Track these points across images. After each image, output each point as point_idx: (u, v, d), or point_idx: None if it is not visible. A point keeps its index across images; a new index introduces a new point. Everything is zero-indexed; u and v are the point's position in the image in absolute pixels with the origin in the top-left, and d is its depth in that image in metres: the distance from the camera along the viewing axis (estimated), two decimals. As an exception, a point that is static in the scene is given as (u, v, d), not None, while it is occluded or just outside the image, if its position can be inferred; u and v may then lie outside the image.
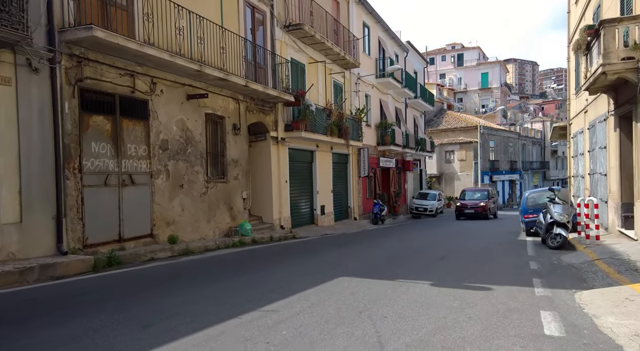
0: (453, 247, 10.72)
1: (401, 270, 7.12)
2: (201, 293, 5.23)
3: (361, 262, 8.06)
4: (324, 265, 7.73)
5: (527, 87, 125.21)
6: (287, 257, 8.94)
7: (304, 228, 15.47)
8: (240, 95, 11.86)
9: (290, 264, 7.79)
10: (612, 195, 11.48)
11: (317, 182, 16.70)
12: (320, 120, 15.56)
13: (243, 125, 12.09)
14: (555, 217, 10.07)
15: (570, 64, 19.14)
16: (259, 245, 10.88)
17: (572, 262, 7.80)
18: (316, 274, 6.60)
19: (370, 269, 7.18)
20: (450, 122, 40.77)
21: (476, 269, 7.22)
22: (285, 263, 7.94)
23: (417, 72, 30.49)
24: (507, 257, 8.85)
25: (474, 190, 25.20)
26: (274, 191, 13.64)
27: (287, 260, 8.31)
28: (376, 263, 7.85)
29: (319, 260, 8.41)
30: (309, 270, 7.09)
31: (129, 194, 8.21)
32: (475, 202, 23.05)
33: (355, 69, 19.65)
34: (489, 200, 23.32)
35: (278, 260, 8.42)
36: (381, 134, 22.77)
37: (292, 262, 8.13)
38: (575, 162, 18.09)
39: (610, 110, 11.53)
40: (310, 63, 16.15)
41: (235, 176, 11.70)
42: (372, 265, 7.68)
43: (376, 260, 8.35)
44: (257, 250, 9.86)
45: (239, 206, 11.82)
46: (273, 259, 8.56)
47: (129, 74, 8.35)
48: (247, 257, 8.89)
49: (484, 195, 23.90)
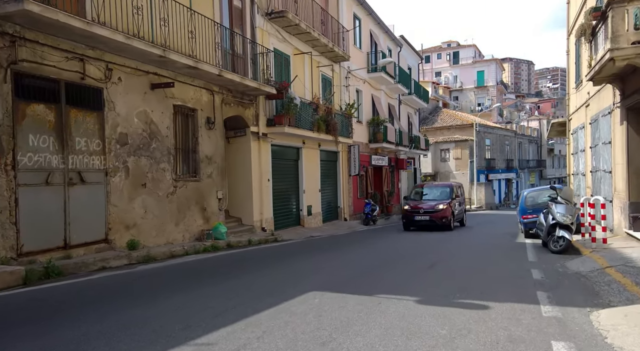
0: (445, 250, 9.80)
1: (384, 281, 6.18)
2: (131, 317, 4.25)
3: (340, 270, 7.11)
4: (298, 274, 6.78)
5: (522, 86, 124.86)
6: (259, 264, 7.98)
7: (289, 230, 14.52)
8: (214, 86, 10.89)
9: (259, 274, 6.83)
10: (618, 193, 10.61)
11: (304, 180, 15.75)
12: (306, 115, 14.60)
13: (218, 119, 11.12)
14: (558, 218, 9.18)
15: (569, 57, 18.29)
16: (234, 250, 9.91)
17: (580, 270, 6.88)
18: (284, 287, 5.65)
19: (349, 280, 6.24)
20: (446, 120, 39.93)
21: (470, 279, 6.29)
22: (254, 272, 6.98)
23: (412, 68, 29.57)
24: (506, 263, 7.93)
25: (431, 187, 17.84)
26: (255, 190, 12.67)
27: (257, 269, 7.35)
28: (357, 272, 6.91)
29: (295, 267, 7.46)
30: (277, 281, 6.13)
31: (77, 194, 7.22)
32: (431, 204, 15.56)
33: (345, 62, 18.70)
34: (452, 201, 15.85)
35: (248, 268, 7.45)
36: (373, 131, 21.84)
37: (263, 270, 7.17)
38: (575, 159, 17.22)
39: (615, 102, 10.65)
40: (296, 54, 15.18)
41: (209, 174, 10.72)
42: (353, 274, 6.74)
43: (358, 267, 7.41)
44: (229, 256, 8.89)
45: (214, 207, 10.84)
46: (243, 267, 7.59)
47: (78, 57, 7.36)
48: (215, 264, 7.92)
49: (445, 193, 16.36)
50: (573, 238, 9.28)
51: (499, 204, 39.06)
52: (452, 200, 15.98)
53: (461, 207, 17.72)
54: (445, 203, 15.51)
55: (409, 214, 15.55)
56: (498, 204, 38.89)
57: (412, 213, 15.48)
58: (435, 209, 15.19)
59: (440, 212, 15.12)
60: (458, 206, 16.85)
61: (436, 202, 15.63)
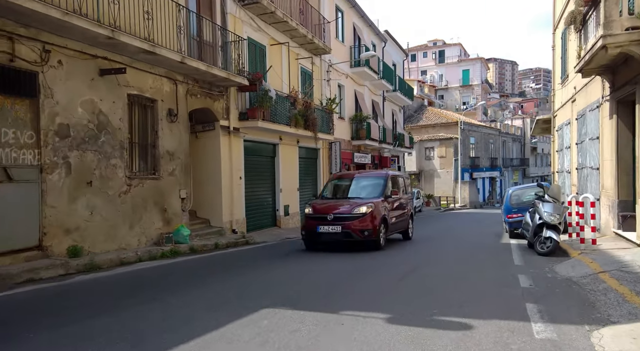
0: (425, 254, 9.09)
1: (352, 294, 5.40)
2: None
3: (307, 279, 6.31)
4: (257, 284, 5.95)
5: (506, 86, 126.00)
6: (217, 271, 7.12)
7: (264, 231, 13.67)
8: (178, 75, 9.97)
9: (212, 285, 5.98)
10: (606, 191, 10.06)
11: (281, 178, 14.90)
12: (283, 109, 13.76)
13: (182, 111, 10.20)
14: (545, 218, 8.56)
15: (555, 52, 17.85)
16: (197, 255, 9.04)
17: (571, 275, 6.23)
18: (234, 303, 4.83)
19: (314, 291, 5.45)
20: (431, 118, 39.53)
21: (450, 290, 5.56)
22: (207, 282, 6.13)
23: (396, 65, 28.94)
24: (490, 268, 7.24)
25: (357, 177, 10.82)
26: (225, 189, 11.78)
27: (212, 278, 6.50)
28: (324, 282, 6.12)
29: (256, 276, 6.63)
30: (229, 295, 5.30)
31: (2, 194, 6.25)
32: (345, 207, 9.27)
33: (327, 55, 17.90)
34: (384, 201, 9.66)
35: (202, 277, 6.59)
36: (356, 128, 21.10)
37: (217, 280, 6.32)
38: (560, 156, 16.76)
39: (605, 95, 10.09)
40: (273, 45, 14.32)
41: (170, 171, 9.81)
42: (318, 284, 5.95)
43: (326, 276, 6.61)
44: (188, 263, 8.01)
45: (176, 207, 9.93)
46: (197, 275, 6.73)
47: (6, 36, 6.39)
48: (167, 272, 7.04)
49: (375, 187, 10.05)
50: (561, 239, 8.67)
51: (483, 203, 38.83)
52: (386, 199, 9.80)
53: (405, 209, 11.18)
54: (370, 204, 9.17)
55: (312, 224, 9.23)
56: (482, 203, 38.66)
57: (315, 223, 9.19)
58: (352, 215, 8.98)
59: (357, 221, 8.91)
60: (397, 209, 10.51)
61: (361, 203, 9.24)
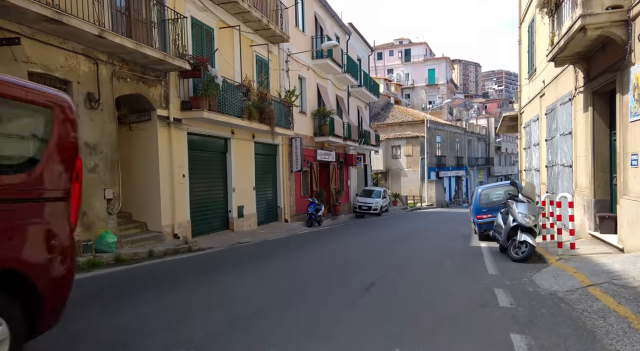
0: (390, 261, 8.03)
1: (292, 320, 4.20)
2: None
3: (237, 301, 5.05)
4: (172, 311, 4.64)
5: (470, 87, 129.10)
6: (128, 292, 5.74)
7: (213, 235, 12.27)
8: (100, 53, 8.43)
9: (107, 315, 4.62)
10: (581, 190, 9.38)
11: (233, 177, 13.52)
12: (234, 100, 12.39)
13: (106, 97, 8.67)
14: (519, 220, 7.71)
15: (521, 47, 17.38)
16: (122, 266, 7.59)
17: (555, 289, 5.29)
18: (129, 345, 3.52)
19: (238, 321, 4.20)
20: (397, 117, 39.02)
21: (416, 314, 4.47)
22: (108, 310, 4.76)
23: (362, 60, 28.03)
24: (461, 280, 6.24)
25: None
26: (164, 189, 10.31)
27: (118, 302, 5.13)
28: (262, 302, 4.89)
29: (176, 298, 5.31)
30: (127, 330, 3.98)
31: None
32: None
33: (285, 44, 16.65)
34: None
35: (105, 300, 5.20)
36: (319, 123, 19.95)
37: (121, 307, 4.96)
38: (527, 154, 16.28)
39: (578, 87, 9.40)
40: (222, 28, 12.91)
41: (90, 168, 8.27)
42: (253, 307, 4.71)
43: (267, 293, 5.39)
44: (100, 279, 6.56)
45: (99, 210, 8.40)
46: (101, 298, 5.33)
47: None
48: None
49: None
50: (536, 243, 7.84)
51: (449, 202, 38.74)
52: None
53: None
54: None
55: None
56: (449, 202, 38.56)
57: None
58: None
59: None
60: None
61: None
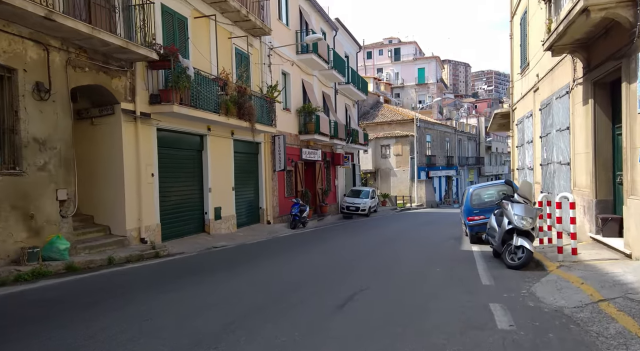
0: (373, 269, 7.24)
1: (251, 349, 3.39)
2: None
3: (180, 325, 4.22)
4: (112, 335, 3.80)
5: (460, 87, 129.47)
6: (62, 311, 4.87)
7: (188, 239, 11.38)
8: (52, 38, 7.52)
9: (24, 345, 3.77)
10: (580, 190, 8.71)
11: (210, 176, 12.64)
12: (209, 94, 11.52)
13: (60, 87, 7.75)
14: (515, 222, 7.00)
15: (513, 41, 16.78)
16: (75, 275, 6.73)
17: (561, 305, 4.55)
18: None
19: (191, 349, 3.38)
20: (387, 115, 38.38)
21: (396, 339, 3.68)
22: (26, 337, 3.90)
23: (349, 56, 27.29)
24: (452, 291, 5.48)
25: None
26: (129, 189, 9.40)
27: (47, 324, 4.26)
28: (208, 329, 4.05)
29: (118, 316, 4.46)
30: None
31: None
32: None
33: (267, 37, 15.80)
34: None
35: (33, 322, 4.33)
36: (304, 121, 19.13)
37: (51, 330, 4.10)
38: (520, 152, 15.65)
39: (577, 78, 8.73)
40: (197, 17, 12.03)
41: (41, 165, 7.34)
42: (194, 335, 3.87)
43: (220, 314, 4.55)
44: (40, 290, 5.67)
45: (50, 212, 7.48)
46: (29, 320, 4.46)
47: None
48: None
49: None
50: (534, 248, 7.13)
51: (439, 202, 38.20)
52: None
53: None
54: None
55: None
56: (439, 202, 38.01)
57: None
58: None
59: None
60: None
61: None
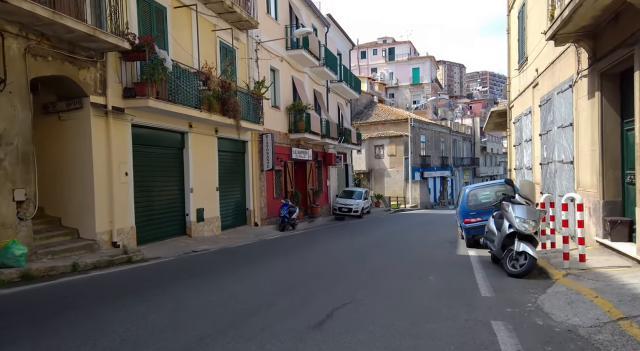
0: (361, 277, 6.55)
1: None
2: None
3: (138, 341, 3.50)
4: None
5: (455, 88, 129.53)
6: (19, 322, 4.14)
7: (166, 242, 10.64)
8: (8, 23, 6.78)
9: None
10: (585, 190, 8.09)
11: (191, 176, 11.91)
12: (190, 88, 10.80)
13: (18, 77, 7.00)
14: (517, 226, 6.36)
15: (510, 36, 16.22)
16: (30, 284, 6.01)
17: (575, 323, 3.90)
18: None
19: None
20: (381, 115, 37.78)
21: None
22: None
23: (342, 54, 26.65)
24: (447, 305, 4.80)
25: None
26: (99, 189, 8.66)
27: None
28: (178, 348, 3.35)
29: (69, 331, 3.73)
30: None
31: None
32: None
33: (254, 30, 15.10)
34: None
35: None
36: (294, 119, 18.44)
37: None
38: (517, 151, 15.07)
39: (581, 70, 8.12)
40: (177, 7, 11.31)
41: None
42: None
43: (181, 334, 3.85)
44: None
45: (5, 215, 6.73)
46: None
47: None
48: None
49: None
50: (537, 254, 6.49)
51: (434, 203, 37.64)
52: None
53: None
54: None
55: None
56: (433, 203, 37.46)
57: None
58: None
59: None
60: None
61: None
